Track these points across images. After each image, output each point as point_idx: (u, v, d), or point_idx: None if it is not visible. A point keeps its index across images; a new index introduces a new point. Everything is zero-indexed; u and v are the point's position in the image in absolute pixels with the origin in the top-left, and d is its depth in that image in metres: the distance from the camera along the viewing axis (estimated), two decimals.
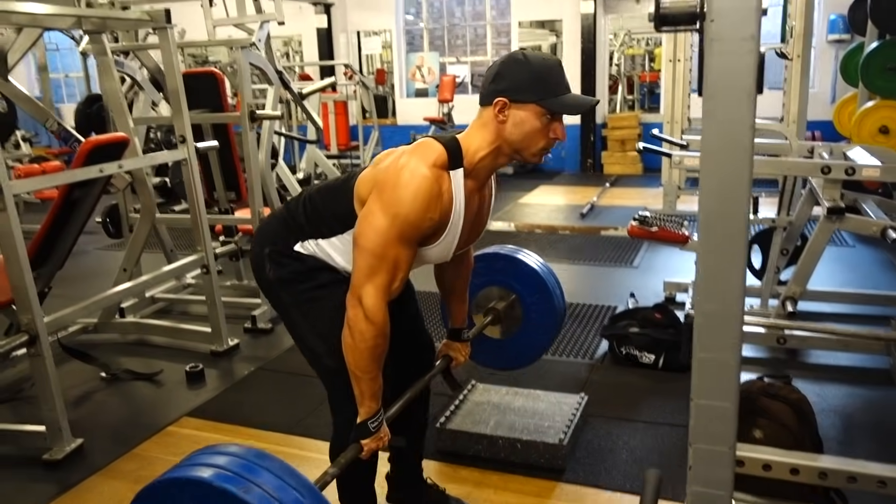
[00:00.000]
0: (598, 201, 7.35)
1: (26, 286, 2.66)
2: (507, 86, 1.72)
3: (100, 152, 3.09)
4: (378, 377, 1.77)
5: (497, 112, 1.74)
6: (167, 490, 1.30)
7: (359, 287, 1.70)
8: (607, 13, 9.15)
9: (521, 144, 1.76)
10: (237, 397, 3.33)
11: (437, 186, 1.70)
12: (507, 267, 2.71)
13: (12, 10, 3.00)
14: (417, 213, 1.67)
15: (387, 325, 1.73)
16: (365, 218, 1.72)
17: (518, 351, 2.80)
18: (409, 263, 1.75)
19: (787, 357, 3.56)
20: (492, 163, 1.81)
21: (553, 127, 1.75)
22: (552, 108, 1.71)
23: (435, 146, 1.75)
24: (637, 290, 4.45)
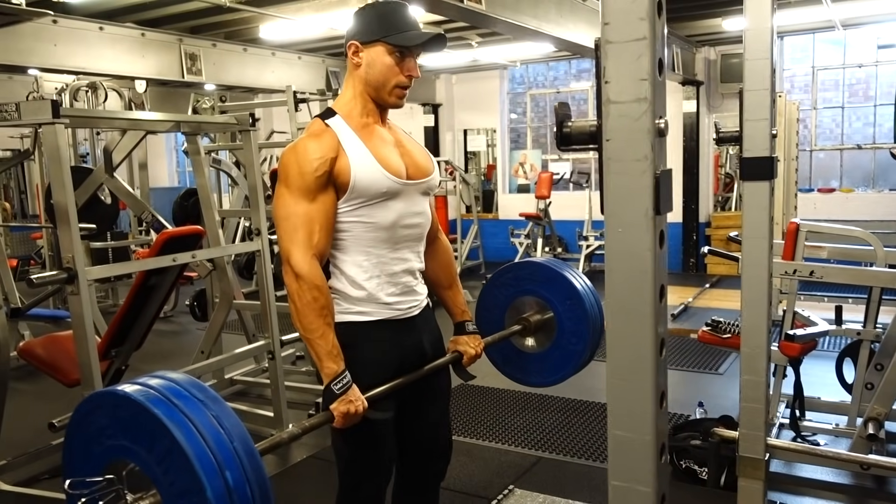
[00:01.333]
0: (692, 302, 7.07)
1: (91, 364, 2.88)
2: (354, 29, 1.88)
3: (175, 243, 3.36)
4: (327, 334, 1.77)
5: (352, 56, 1.88)
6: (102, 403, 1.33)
7: (284, 253, 1.78)
8: (711, 112, 9.04)
9: (378, 83, 1.87)
10: (285, 484, 3.39)
11: (312, 136, 1.83)
12: (551, 281, 2.48)
13: (114, 117, 3.40)
14: (301, 162, 1.78)
15: (317, 278, 1.76)
16: (274, 199, 1.85)
17: (540, 369, 2.55)
18: (323, 215, 1.79)
19: (874, 484, 3.22)
20: (364, 107, 1.90)
21: (406, 64, 1.87)
22: (396, 42, 1.83)
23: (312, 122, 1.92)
24: (717, 399, 4.20)
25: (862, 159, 8.75)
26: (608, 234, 1.05)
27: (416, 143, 2.08)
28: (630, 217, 1.02)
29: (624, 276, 1.04)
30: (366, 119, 1.91)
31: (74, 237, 2.83)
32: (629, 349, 1.05)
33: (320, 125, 1.86)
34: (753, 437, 2.04)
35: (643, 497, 1.06)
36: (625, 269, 1.03)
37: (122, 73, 5.96)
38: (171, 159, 13.24)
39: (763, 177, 1.96)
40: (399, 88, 1.89)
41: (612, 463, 1.08)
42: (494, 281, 2.54)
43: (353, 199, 1.84)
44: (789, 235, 3.62)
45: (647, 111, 1.00)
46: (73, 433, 1.36)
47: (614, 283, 1.05)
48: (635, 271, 1.02)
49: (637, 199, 1.01)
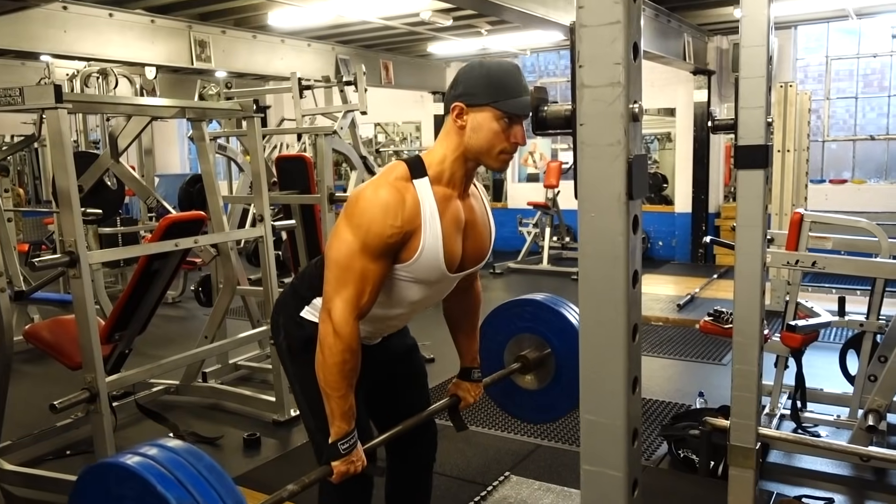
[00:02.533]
0: (699, 293, 7.03)
1: (93, 348, 2.92)
2: (462, 90, 1.75)
3: (178, 228, 3.38)
4: (348, 396, 1.76)
5: (455, 117, 1.75)
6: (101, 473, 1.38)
7: (328, 301, 1.73)
8: (723, 101, 8.96)
9: (482, 148, 1.75)
10: (284, 468, 3.42)
11: (397, 195, 1.71)
12: (549, 318, 2.55)
13: (119, 103, 3.42)
14: (379, 221, 1.69)
15: (355, 341, 1.73)
16: (333, 234, 1.77)
17: (541, 406, 2.61)
18: (378, 278, 1.74)
19: (873, 476, 3.21)
20: (459, 169, 1.80)
21: (513, 131, 1.75)
22: (506, 108, 1.72)
23: (397, 164, 1.80)
24: (718, 390, 4.19)
25: (875, 150, 8.65)
26: (581, 219, 1.05)
27: (486, 215, 1.98)
28: (603, 202, 1.02)
29: (597, 262, 1.04)
30: (451, 190, 1.81)
31: (76, 221, 2.86)
32: (602, 334, 1.05)
33: (406, 184, 1.75)
34: (744, 426, 2.03)
35: (614, 481, 1.06)
36: (597, 254, 1.03)
37: (132, 59, 5.99)
38: (183, 146, 13.29)
39: (758, 165, 1.94)
40: (504, 153, 1.79)
41: (584, 447, 1.09)
42: (492, 319, 2.56)
43: (398, 273, 1.80)
44: (793, 226, 3.60)
45: (620, 95, 0.99)
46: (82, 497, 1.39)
47: (587, 268, 1.05)
48: (608, 256, 1.02)
49: (610, 183, 1.01)
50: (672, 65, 7.97)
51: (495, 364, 2.52)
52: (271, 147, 8.43)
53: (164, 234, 3.33)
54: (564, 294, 2.53)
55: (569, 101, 1.10)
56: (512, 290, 7.76)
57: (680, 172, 9.35)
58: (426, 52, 9.10)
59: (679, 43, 7.62)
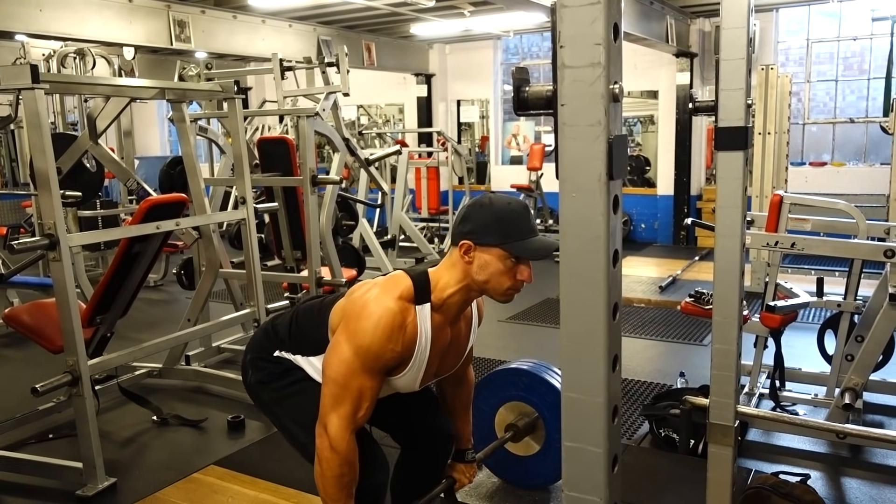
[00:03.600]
0: (681, 274, 7.10)
1: (74, 330, 2.90)
2: (471, 228, 1.79)
3: (159, 210, 3.35)
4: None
5: (463, 253, 1.80)
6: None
7: (324, 416, 1.77)
8: (705, 84, 8.98)
9: (488, 285, 1.81)
10: (268, 450, 3.43)
11: (400, 318, 1.76)
12: (532, 384, 2.66)
13: (96, 83, 3.37)
14: (380, 345, 1.74)
15: (352, 454, 1.78)
16: (332, 348, 1.80)
17: (537, 470, 2.72)
18: (374, 393, 1.80)
19: (849, 453, 3.27)
20: (461, 299, 1.86)
21: (519, 269, 1.79)
22: (514, 251, 1.76)
23: (403, 280, 1.82)
24: (699, 370, 4.24)
25: (854, 133, 8.73)
26: (562, 199, 1.05)
27: (472, 329, 2.05)
28: (584, 182, 1.02)
29: (577, 241, 1.05)
30: (445, 318, 1.88)
31: (55, 203, 2.83)
32: (582, 313, 1.06)
33: (409, 307, 1.80)
34: (723, 404, 2.06)
35: (595, 457, 1.08)
36: (578, 234, 1.04)
37: (110, 39, 5.90)
38: (163, 128, 13.13)
39: (738, 146, 1.96)
40: (509, 290, 1.83)
41: (565, 424, 1.10)
42: (479, 390, 2.61)
43: None
44: (772, 208, 3.64)
45: (601, 76, 1.00)
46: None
47: (568, 247, 1.06)
48: (588, 236, 1.03)
49: (591, 164, 1.02)
50: (655, 47, 7.98)
51: (486, 433, 2.62)
52: (253, 129, 8.36)
53: (145, 216, 3.30)
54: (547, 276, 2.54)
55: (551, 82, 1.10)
56: None
57: (662, 155, 9.39)
58: (409, 33, 9.03)
59: (662, 25, 7.62)
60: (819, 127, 8.94)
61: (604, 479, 1.08)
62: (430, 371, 1.93)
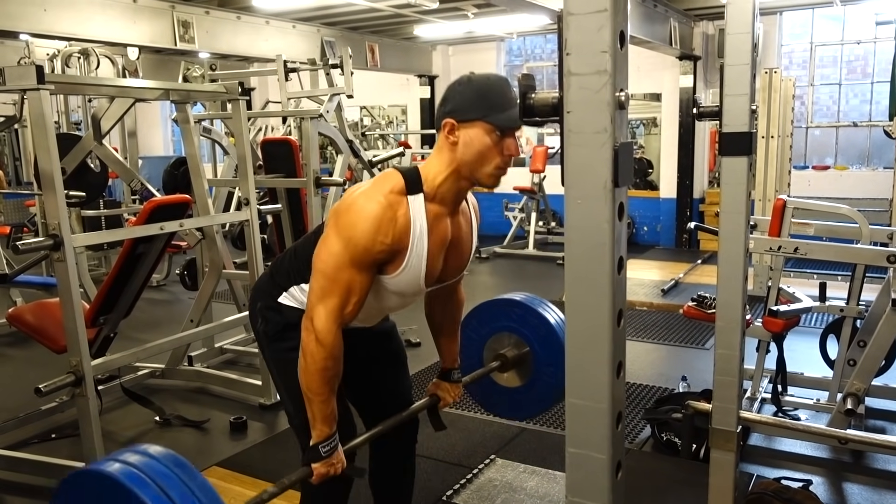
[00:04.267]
0: (683, 278, 7.09)
1: (77, 330, 2.91)
2: (452, 107, 1.75)
3: (163, 211, 3.36)
4: (330, 400, 1.79)
5: (447, 134, 1.76)
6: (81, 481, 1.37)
7: (311, 308, 1.75)
8: (708, 87, 8.98)
9: (475, 164, 1.76)
10: (270, 451, 3.44)
11: (390, 211, 1.72)
12: (525, 316, 2.58)
13: (101, 84, 3.38)
14: (369, 236, 1.70)
15: (337, 349, 1.75)
16: (321, 242, 1.78)
17: (520, 403, 2.66)
18: (363, 289, 1.76)
19: (851, 458, 3.27)
20: (453, 186, 1.81)
21: (505, 144, 1.75)
22: (497, 122, 1.72)
23: (393, 175, 1.79)
24: (701, 374, 4.24)
25: (857, 137, 8.73)
26: (567, 206, 1.06)
27: (472, 230, 1.99)
28: (589, 189, 1.03)
29: (582, 248, 1.05)
30: (443, 209, 1.83)
31: (60, 204, 2.83)
32: (587, 320, 1.06)
33: (401, 199, 1.76)
34: (726, 409, 2.07)
35: (599, 464, 1.08)
36: (583, 240, 1.04)
37: (114, 39, 5.90)
38: (166, 128, 13.16)
39: (742, 152, 1.96)
40: (498, 168, 1.79)
41: (569, 430, 1.10)
42: (470, 319, 2.59)
43: (376, 282, 1.82)
44: (775, 212, 3.63)
45: (607, 83, 1.00)
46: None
47: (573, 254, 1.06)
48: (594, 243, 1.03)
49: (596, 171, 1.02)
50: (658, 50, 7.97)
51: (474, 362, 2.56)
52: (256, 130, 8.37)
53: (150, 217, 3.31)
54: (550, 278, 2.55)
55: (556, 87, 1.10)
56: (497, 275, 7.80)
57: (665, 158, 9.39)
58: (412, 34, 9.04)
59: (665, 28, 7.62)
60: (822, 130, 8.93)
61: (607, 486, 1.08)
62: (434, 269, 1.87)
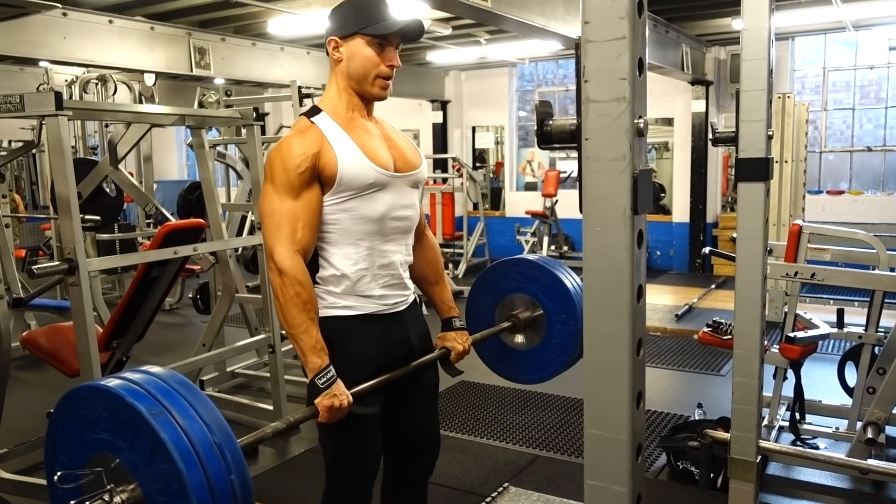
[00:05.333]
0: (697, 303, 7.04)
1: (91, 355, 2.90)
2: (333, 25, 1.89)
3: (177, 236, 3.37)
4: (311, 330, 1.78)
5: (332, 51, 1.89)
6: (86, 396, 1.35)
7: (269, 250, 1.81)
8: (721, 112, 8.99)
9: (360, 75, 1.88)
10: (281, 477, 3.41)
11: (298, 134, 1.84)
12: (541, 278, 2.48)
13: (118, 110, 3.42)
14: (287, 159, 1.80)
15: (301, 273, 1.77)
16: (260, 196, 1.90)
17: (530, 366, 2.55)
18: (307, 212, 1.81)
19: (872, 489, 3.20)
20: (349, 102, 1.92)
21: (386, 55, 1.87)
22: (373, 32, 1.84)
23: (297, 119, 1.95)
24: (717, 401, 4.19)
25: (872, 162, 8.68)
26: (586, 233, 1.05)
27: (404, 137, 2.08)
28: (608, 216, 1.02)
29: (601, 276, 1.04)
30: (351, 114, 1.92)
31: (76, 228, 2.85)
32: (606, 349, 1.04)
33: (305, 123, 1.88)
34: (745, 439, 2.03)
35: (618, 497, 1.06)
36: (602, 268, 1.03)
37: (131, 66, 5.98)
38: (181, 153, 13.30)
39: (759, 178, 1.95)
40: (381, 79, 1.90)
41: (587, 462, 1.08)
42: (483, 278, 2.54)
43: (341, 192, 1.85)
44: (791, 237, 3.60)
45: (626, 110, 0.99)
46: (57, 425, 1.36)
47: (592, 282, 1.05)
48: (613, 271, 1.02)
49: (615, 198, 1.01)
50: (670, 75, 8.00)
51: (487, 322, 2.48)
52: None
53: (164, 241, 3.32)
54: None
55: (569, 113, 1.10)
56: None
57: (678, 182, 9.37)
58: (425, 60, 9.12)
59: (677, 53, 7.65)
60: (836, 155, 8.90)
61: None
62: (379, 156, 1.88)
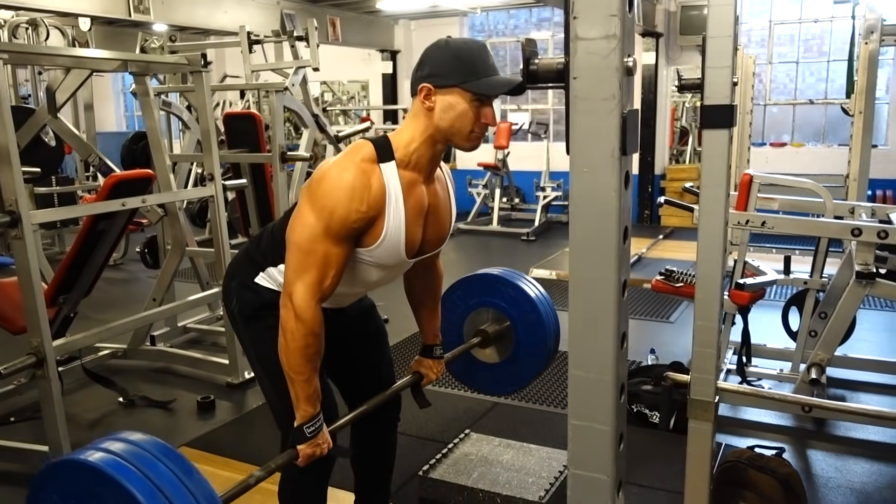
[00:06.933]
0: (646, 253, 7.19)
1: (38, 310, 2.80)
2: (429, 71, 1.71)
3: (125, 187, 3.25)
4: (312, 379, 1.74)
5: (423, 99, 1.72)
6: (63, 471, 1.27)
7: (290, 285, 1.70)
8: (670, 64, 9.05)
9: (452, 130, 1.73)
10: (240, 430, 3.38)
11: (363, 178, 1.68)
12: (505, 291, 2.56)
13: (57, 54, 3.24)
14: (343, 205, 1.65)
15: (318, 324, 1.71)
16: (295, 215, 1.73)
17: (501, 378, 2.64)
18: (340, 262, 1.72)
19: (813, 426, 3.36)
20: (428, 151, 1.77)
21: (483, 111, 1.72)
22: (476, 90, 1.68)
23: (364, 144, 1.74)
24: (668, 347, 4.31)
25: (813, 115, 8.91)
26: (573, 175, 1.03)
27: (449, 198, 1.96)
28: (596, 157, 1.01)
29: (588, 218, 1.03)
30: (417, 175, 1.79)
31: (17, 179, 2.71)
32: (592, 291, 1.05)
33: (373, 167, 1.71)
34: (704, 380, 2.08)
35: (602, 435, 1.07)
36: (589, 210, 1.03)
37: (65, 9, 5.67)
38: (119, 103, 12.76)
39: (723, 125, 1.96)
40: (474, 135, 1.76)
41: (571, 403, 1.09)
42: (448, 296, 2.55)
43: (357, 255, 1.78)
44: (743, 187, 3.68)
45: (615, 48, 0.98)
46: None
47: (578, 224, 1.04)
48: (600, 213, 1.02)
49: (604, 138, 1.00)
50: None
51: (455, 339, 2.53)
52: (213, 104, 8.16)
53: (111, 192, 3.20)
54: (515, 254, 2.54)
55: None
56: (462, 251, 7.79)
57: None
58: (375, 8, 8.88)
59: None
60: (779, 108, 9.10)
61: (611, 457, 1.08)
62: (414, 239, 1.84)
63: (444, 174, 1.95)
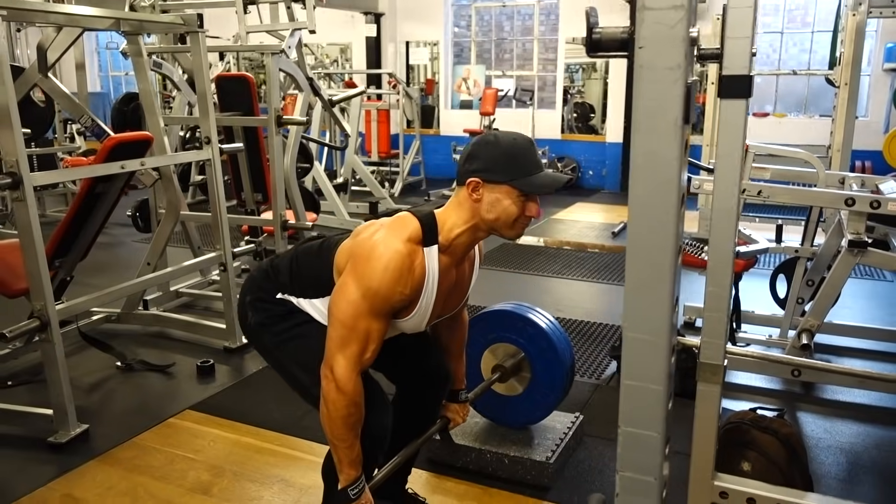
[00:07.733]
0: None
1: (41, 274, 2.77)
2: (479, 166, 1.77)
3: (123, 149, 3.20)
4: (355, 445, 1.81)
5: (471, 192, 1.78)
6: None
7: (331, 358, 1.76)
8: None
9: (497, 223, 1.80)
10: (242, 394, 3.40)
11: (408, 261, 1.74)
12: (517, 325, 2.69)
13: (51, 11, 3.15)
14: (388, 287, 1.72)
15: (358, 395, 1.77)
16: (339, 289, 1.78)
17: (525, 408, 2.77)
18: (381, 335, 1.79)
19: (802, 390, 3.47)
20: (468, 239, 1.85)
21: (528, 206, 1.80)
22: (524, 188, 1.75)
23: (411, 221, 1.80)
24: None
25: (796, 85, 9.00)
26: (636, 142, 1.06)
27: (473, 268, 2.04)
28: (660, 125, 1.03)
29: (649, 184, 1.06)
30: (453, 260, 1.87)
31: (17, 140, 2.66)
32: (651, 255, 1.08)
33: (417, 249, 1.78)
34: (714, 344, 2.14)
35: (654, 395, 1.12)
36: (650, 177, 1.05)
37: None
38: (93, 63, 12.45)
39: (741, 94, 1.98)
40: (519, 223, 1.82)
41: (626, 364, 1.13)
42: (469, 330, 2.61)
43: None
44: None
45: (682, 19, 0.99)
46: None
47: (639, 190, 1.07)
48: (661, 180, 1.04)
49: (668, 107, 1.02)
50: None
51: (473, 376, 2.64)
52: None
53: (109, 155, 3.15)
54: None
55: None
56: None
57: (612, 103, 9.48)
58: None
59: None
60: (763, 78, 9.17)
61: (661, 416, 1.12)
62: (435, 312, 1.93)
63: (475, 252, 2.04)
